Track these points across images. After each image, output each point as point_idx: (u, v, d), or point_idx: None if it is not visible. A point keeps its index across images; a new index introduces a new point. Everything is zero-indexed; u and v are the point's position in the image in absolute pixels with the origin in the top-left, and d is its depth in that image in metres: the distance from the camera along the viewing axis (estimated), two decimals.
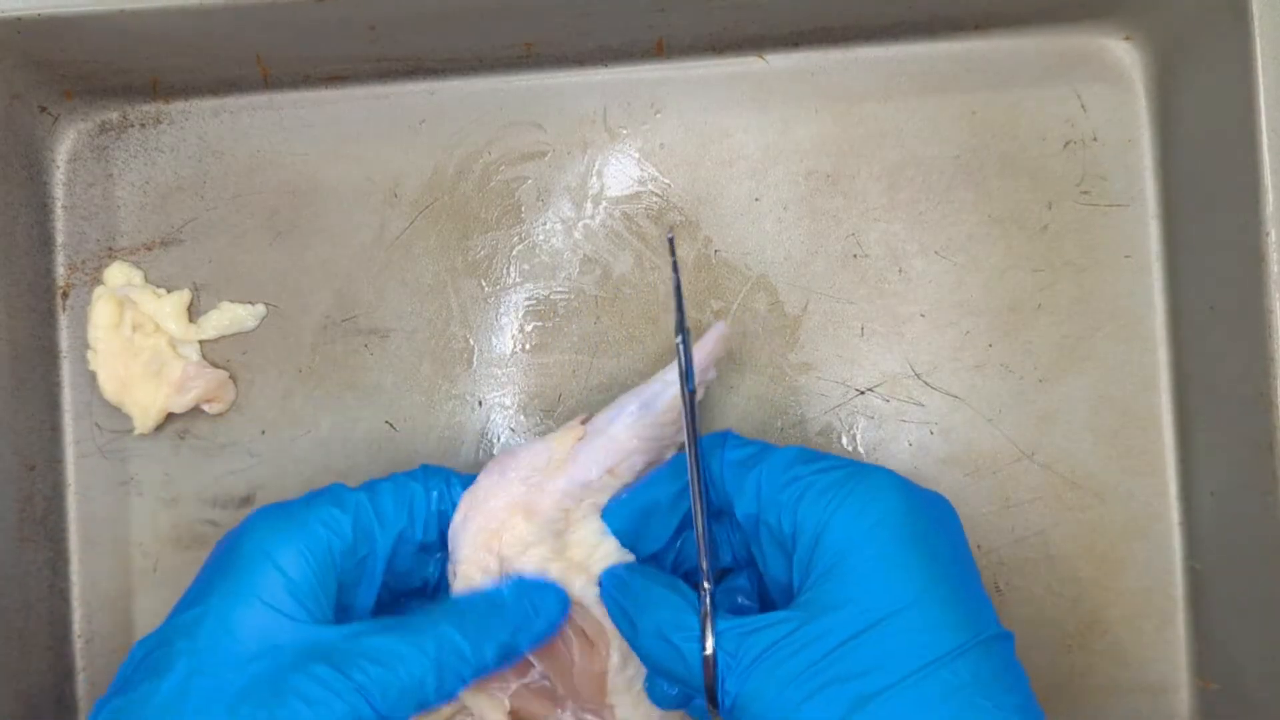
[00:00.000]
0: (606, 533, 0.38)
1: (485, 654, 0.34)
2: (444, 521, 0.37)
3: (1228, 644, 0.41)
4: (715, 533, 0.39)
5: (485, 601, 0.35)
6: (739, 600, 0.38)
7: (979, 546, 0.43)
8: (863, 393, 0.44)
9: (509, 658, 0.35)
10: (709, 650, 0.32)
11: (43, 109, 0.44)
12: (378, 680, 0.32)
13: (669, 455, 0.39)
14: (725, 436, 0.38)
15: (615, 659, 0.37)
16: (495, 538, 0.37)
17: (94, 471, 0.44)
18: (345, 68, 0.44)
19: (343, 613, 0.35)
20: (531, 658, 0.38)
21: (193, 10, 0.39)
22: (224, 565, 0.34)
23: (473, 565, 0.37)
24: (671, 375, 0.38)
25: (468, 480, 0.38)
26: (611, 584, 0.36)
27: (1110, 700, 0.43)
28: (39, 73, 0.42)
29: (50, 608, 0.44)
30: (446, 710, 0.38)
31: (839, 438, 0.43)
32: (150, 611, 0.44)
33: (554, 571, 0.37)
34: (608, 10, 0.41)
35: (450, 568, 0.37)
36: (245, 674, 0.32)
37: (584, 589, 0.37)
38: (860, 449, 0.43)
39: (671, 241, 0.39)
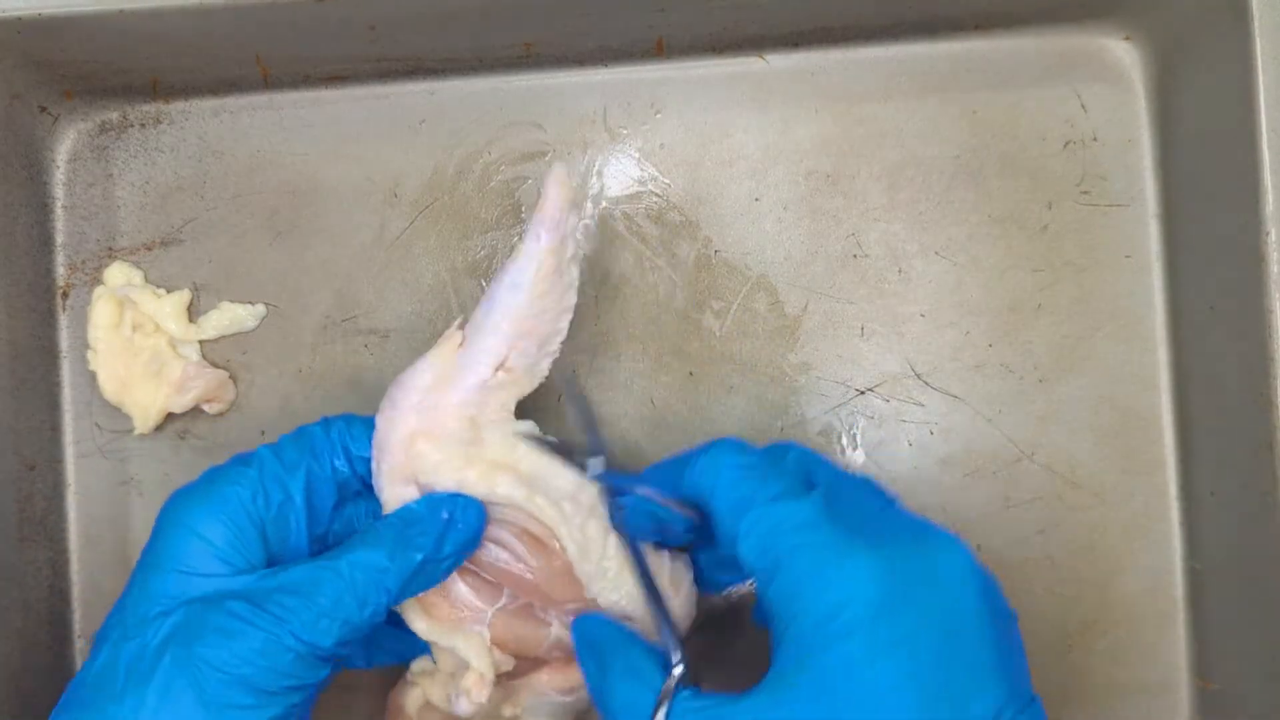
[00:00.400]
0: (525, 430, 0.37)
1: (405, 563, 0.34)
2: (351, 458, 0.37)
3: (1228, 644, 0.41)
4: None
5: (397, 518, 0.36)
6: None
7: (979, 546, 0.43)
8: (863, 393, 0.44)
9: (434, 567, 0.35)
10: None
11: (43, 109, 0.44)
12: (293, 608, 0.32)
13: (563, 325, 0.38)
14: (724, 450, 0.35)
15: (573, 549, 0.36)
16: (406, 469, 0.36)
17: (94, 471, 0.44)
18: (345, 68, 0.44)
19: (277, 563, 0.36)
20: (497, 580, 0.37)
21: (192, 10, 0.39)
22: (148, 547, 0.35)
23: (395, 503, 0.36)
24: (529, 246, 0.37)
25: (368, 421, 0.38)
26: (581, 638, 0.35)
27: (1110, 700, 0.43)
28: (39, 73, 0.42)
29: (50, 608, 0.44)
30: (447, 665, 0.37)
31: (839, 438, 0.43)
32: None
33: (474, 478, 0.36)
34: (607, 10, 0.41)
35: (383, 514, 0.37)
36: (167, 625, 0.32)
37: (513, 486, 0.36)
38: (860, 449, 0.43)
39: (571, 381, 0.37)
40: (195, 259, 0.45)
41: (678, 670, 0.32)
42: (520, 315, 0.37)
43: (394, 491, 0.36)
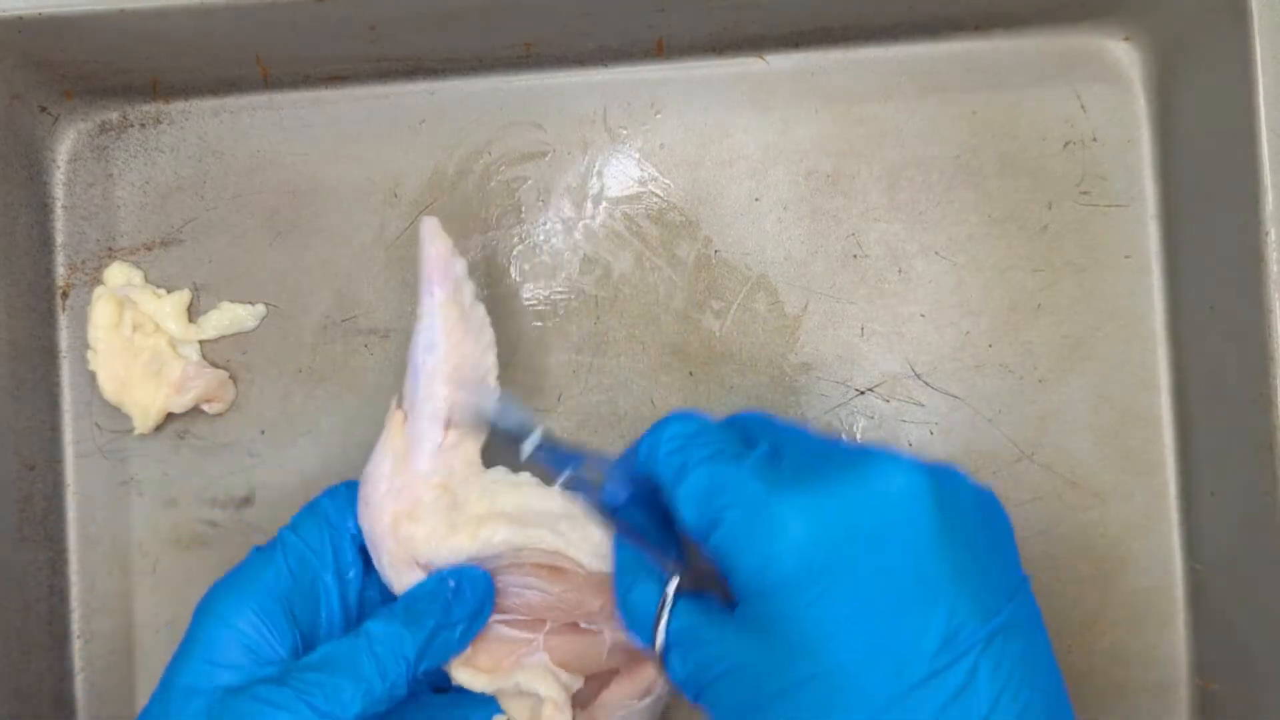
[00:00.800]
0: (498, 477, 0.37)
1: (418, 630, 0.35)
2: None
3: (1228, 644, 0.41)
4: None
5: (406, 595, 0.36)
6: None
7: None
8: (863, 393, 0.44)
9: (447, 633, 0.35)
10: (658, 645, 0.33)
11: (43, 109, 0.44)
12: (315, 681, 0.33)
13: (490, 361, 0.39)
14: (667, 422, 0.35)
15: (586, 559, 0.36)
16: (402, 554, 0.37)
17: (93, 471, 0.44)
18: (345, 68, 0.44)
19: (312, 638, 0.36)
20: (533, 617, 0.38)
21: (193, 10, 0.39)
22: (182, 640, 0.35)
23: (405, 589, 0.37)
24: (426, 304, 0.38)
25: None
26: (616, 561, 0.36)
27: (1110, 700, 0.43)
28: (39, 73, 0.42)
29: (49, 608, 0.43)
30: (523, 715, 0.37)
31: (839, 438, 0.43)
32: (149, 612, 0.44)
33: (465, 541, 0.36)
34: (607, 10, 0.41)
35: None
36: (189, 715, 0.33)
37: (506, 532, 0.36)
38: None
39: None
40: (195, 259, 0.45)
41: (674, 581, 0.33)
42: (445, 371, 0.37)
43: (401, 581, 0.37)
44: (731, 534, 0.31)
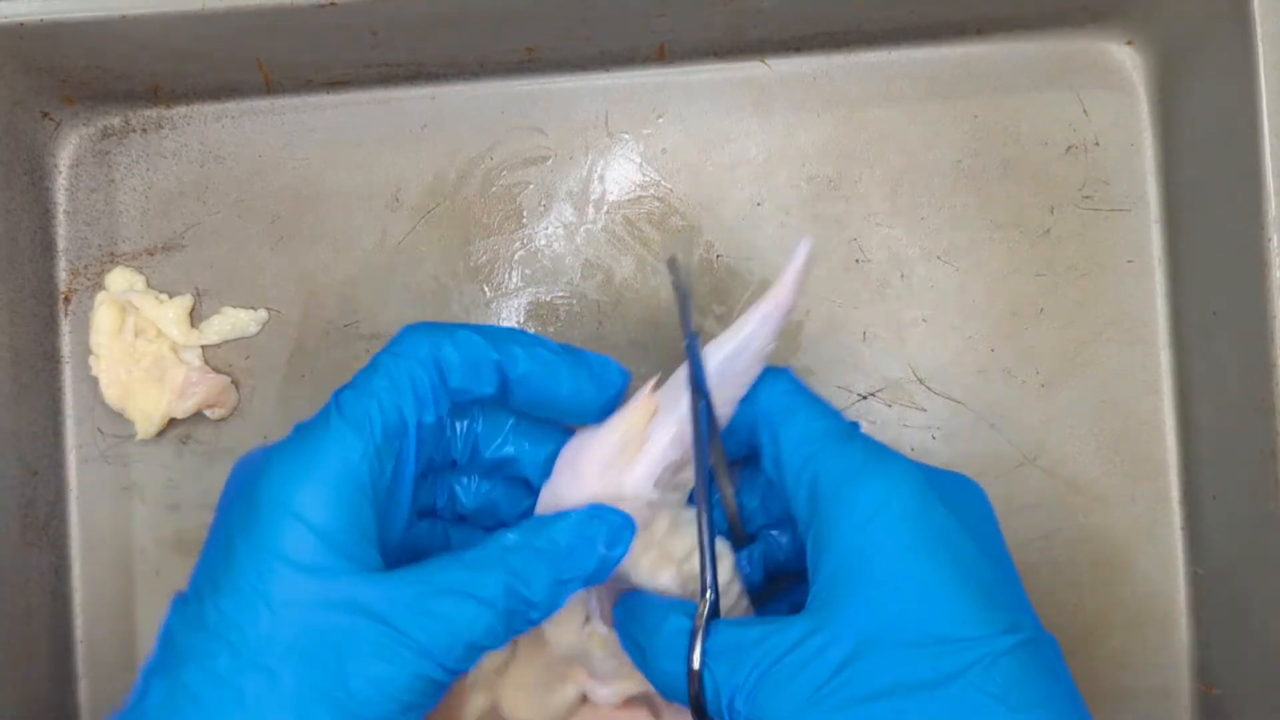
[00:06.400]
0: (689, 516, 0.34)
1: (551, 603, 0.31)
2: (448, 381, 0.32)
3: (1230, 649, 0.41)
4: (756, 481, 0.36)
5: (550, 549, 0.31)
6: (781, 558, 0.36)
7: None
8: (865, 398, 0.44)
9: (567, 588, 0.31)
10: (695, 665, 0.30)
11: (44, 114, 0.44)
12: (441, 640, 0.29)
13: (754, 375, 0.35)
14: (777, 375, 0.34)
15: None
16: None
17: (96, 477, 0.44)
18: (347, 73, 0.44)
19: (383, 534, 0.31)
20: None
21: (194, 16, 0.39)
22: (245, 522, 0.29)
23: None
24: (754, 323, 0.33)
25: (444, 333, 0.32)
26: (621, 613, 0.33)
27: (1112, 705, 0.43)
28: (40, 78, 0.42)
29: (52, 613, 0.44)
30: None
31: None
32: (152, 617, 0.44)
33: (646, 566, 0.33)
34: (609, 15, 0.41)
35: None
36: (294, 655, 0.28)
37: (671, 582, 0.33)
38: None
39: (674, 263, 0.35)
40: (197, 264, 0.45)
41: (709, 595, 0.31)
42: (722, 394, 0.33)
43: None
44: (839, 482, 0.31)
